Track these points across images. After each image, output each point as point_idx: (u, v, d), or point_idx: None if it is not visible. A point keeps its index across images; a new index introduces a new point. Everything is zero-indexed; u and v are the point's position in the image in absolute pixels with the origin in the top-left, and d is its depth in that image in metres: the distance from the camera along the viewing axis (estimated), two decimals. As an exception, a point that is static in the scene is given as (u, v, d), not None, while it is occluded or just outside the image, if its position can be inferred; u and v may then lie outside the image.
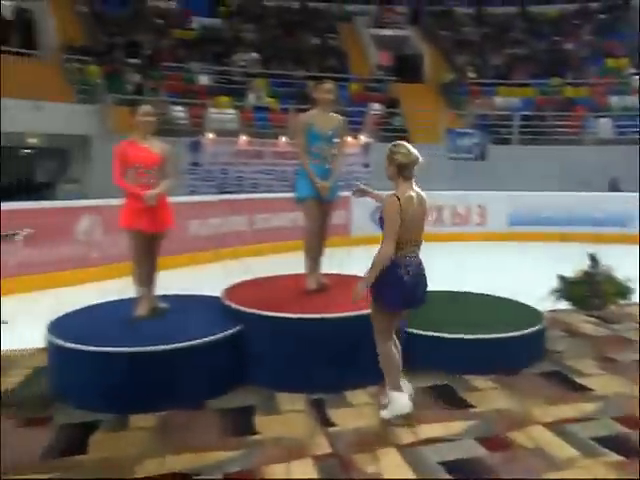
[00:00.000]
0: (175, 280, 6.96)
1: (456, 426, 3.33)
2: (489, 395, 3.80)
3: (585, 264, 5.00)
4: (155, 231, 4.06)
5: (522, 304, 5.01)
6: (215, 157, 11.00)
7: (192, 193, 10.51)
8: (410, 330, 4.18)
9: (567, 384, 4.01)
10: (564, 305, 5.34)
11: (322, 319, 3.71)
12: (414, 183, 3.30)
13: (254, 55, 16.39)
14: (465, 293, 5.37)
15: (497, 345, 4.17)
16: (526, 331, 4.30)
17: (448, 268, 8.46)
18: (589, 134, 14.85)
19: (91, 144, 12.08)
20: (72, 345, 3.60)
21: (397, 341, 3.49)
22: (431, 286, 5.46)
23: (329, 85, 4.28)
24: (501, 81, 17.21)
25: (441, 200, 11.38)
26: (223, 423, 3.41)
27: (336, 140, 4.32)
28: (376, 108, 14.94)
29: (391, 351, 3.36)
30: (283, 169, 11.44)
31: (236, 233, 9.30)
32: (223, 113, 13.15)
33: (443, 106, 15.80)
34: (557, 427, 3.32)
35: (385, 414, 3.38)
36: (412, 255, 3.27)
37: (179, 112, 13.12)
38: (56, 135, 12.79)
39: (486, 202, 11.62)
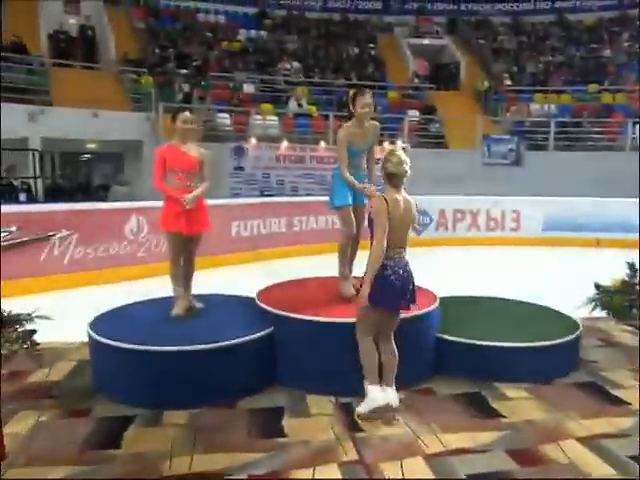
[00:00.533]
0: (215, 279, 7.00)
1: (485, 436, 3.11)
2: (521, 405, 3.55)
3: (623, 272, 4.65)
4: (192, 233, 3.99)
5: (557, 312, 4.72)
6: (257, 161, 10.96)
7: (235, 196, 10.50)
8: (441, 336, 3.97)
9: (602, 396, 3.72)
10: (600, 313, 5.00)
11: (353, 323, 3.53)
12: (402, 190, 3.28)
13: (296, 64, 16.34)
14: (498, 299, 5.11)
15: (531, 354, 3.91)
16: (561, 340, 4.01)
17: (481, 272, 8.23)
18: (626, 140, 14.14)
19: (143, 149, 12.27)
20: (110, 342, 3.55)
21: (394, 347, 3.38)
22: (463, 290, 5.36)
23: (365, 99, 3.92)
24: (537, 88, 16.65)
25: (476, 205, 11.06)
26: (252, 424, 3.28)
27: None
28: (413, 115, 14.64)
29: (370, 346, 3.31)
30: (322, 173, 11.31)
31: (276, 234, 9.22)
32: (266, 120, 13.11)
33: (479, 113, 15.40)
34: (591, 442, 3.06)
35: (360, 409, 3.29)
36: (397, 257, 3.23)
37: (224, 119, 13.16)
38: (112, 141, 13.07)
39: (521, 207, 11.19)
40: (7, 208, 6.76)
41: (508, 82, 17.10)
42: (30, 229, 6.45)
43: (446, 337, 3.96)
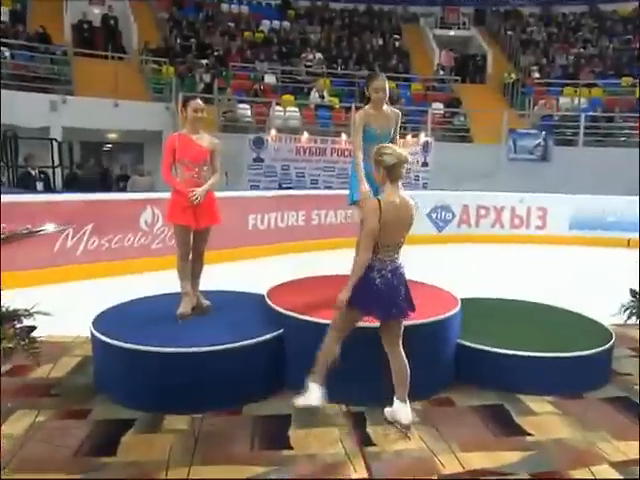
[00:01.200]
0: (230, 273, 6.81)
1: (509, 457, 2.84)
2: (548, 421, 3.26)
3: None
4: (200, 227, 3.78)
5: (588, 318, 4.40)
6: (277, 153, 10.71)
7: (253, 188, 10.29)
8: (462, 342, 3.70)
9: (636, 414, 3.41)
10: (634, 321, 4.66)
11: (365, 328, 3.28)
12: (401, 187, 3.03)
13: (319, 55, 16.03)
14: (524, 302, 4.79)
15: (559, 364, 3.61)
16: (593, 351, 3.70)
17: (504, 272, 7.89)
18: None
19: (162, 139, 12.13)
20: (110, 340, 3.36)
21: (403, 358, 3.11)
22: (486, 291, 5.07)
23: (378, 83, 3.73)
24: (567, 81, 16.06)
25: (501, 201, 10.66)
26: (256, 432, 3.06)
27: (389, 137, 3.88)
28: (437, 108, 14.23)
29: (332, 345, 3.08)
30: (343, 166, 11.03)
31: (294, 228, 8.99)
32: (287, 111, 12.86)
33: (505, 106, 14.92)
34: (626, 469, 2.76)
35: (297, 401, 3.10)
36: (388, 259, 2.99)
37: (245, 110, 12.95)
38: (132, 131, 12.98)
39: (548, 205, 10.75)
40: (20, 197, 6.70)
41: (536, 75, 16.55)
42: (43, 219, 6.34)
43: (467, 344, 3.68)
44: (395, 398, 3.12)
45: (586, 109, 14.56)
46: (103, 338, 3.41)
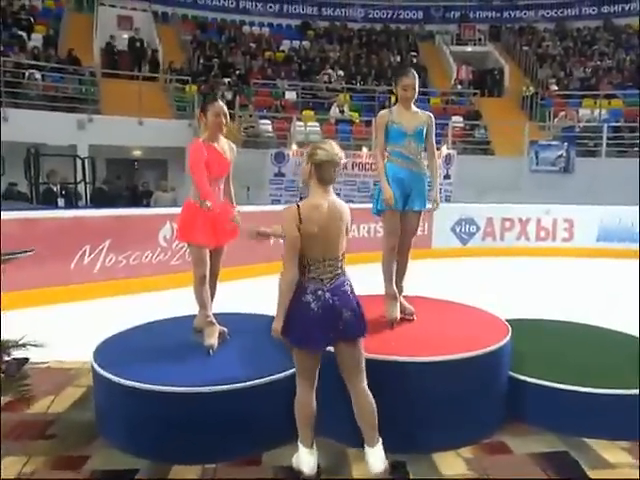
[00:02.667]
0: (250, 290, 6.24)
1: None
2: (628, 476, 2.58)
3: None
4: (220, 244, 3.20)
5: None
6: (298, 168, 10.17)
7: (275, 202, 9.76)
8: (515, 375, 3.03)
9: None
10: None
11: (406, 363, 2.66)
12: (331, 192, 2.46)
13: (338, 72, 15.57)
14: (569, 323, 4.09)
15: (632, 402, 2.92)
16: (668, 385, 3.01)
17: (534, 287, 7.19)
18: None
19: (186, 156, 11.76)
20: (112, 377, 2.77)
21: (365, 395, 2.48)
22: (519, 309, 4.39)
23: (407, 80, 3.22)
24: (586, 93, 15.34)
25: (526, 213, 9.95)
26: (279, 488, 2.46)
27: (423, 140, 3.29)
28: (457, 121, 13.60)
29: (304, 397, 2.47)
30: (364, 180, 10.46)
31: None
32: (307, 126, 12.36)
33: (524, 119, 14.24)
34: None
35: (293, 460, 2.53)
36: (324, 276, 2.38)
37: (266, 125, 12.49)
38: (156, 148, 12.65)
39: (574, 216, 10.00)
40: (40, 213, 6.26)
41: (554, 87, 15.86)
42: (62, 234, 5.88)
43: (522, 378, 3.01)
44: (365, 444, 2.48)
45: (607, 120, 13.82)
46: (103, 373, 2.83)
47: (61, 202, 7.83)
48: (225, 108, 3.20)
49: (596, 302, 6.03)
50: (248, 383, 2.66)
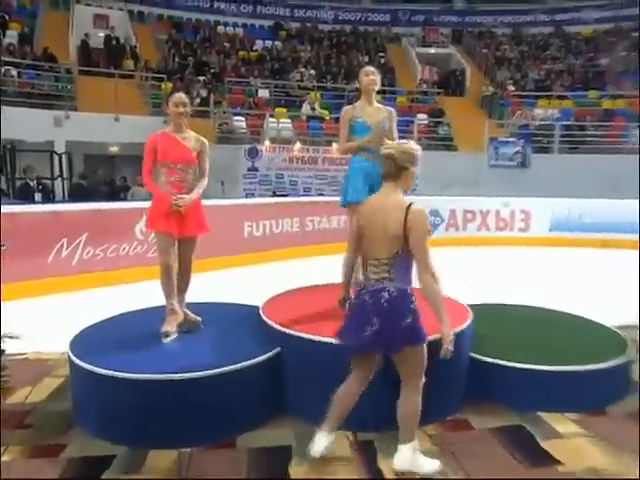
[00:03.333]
0: (225, 280, 6.16)
1: (544, 496, 2.23)
2: (576, 445, 2.65)
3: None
4: (185, 235, 3.10)
5: (595, 323, 3.80)
6: (271, 163, 10.09)
7: (249, 196, 9.65)
8: (476, 356, 3.07)
9: (668, 430, 2.81)
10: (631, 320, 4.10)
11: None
12: (395, 191, 2.33)
13: (310, 71, 15.45)
14: (527, 307, 4.18)
15: (580, 378, 3.00)
16: (614, 362, 3.10)
17: (494, 274, 7.31)
18: (629, 144, 13.08)
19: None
20: (88, 366, 2.69)
21: (402, 397, 2.39)
22: (480, 294, 4.44)
23: (368, 67, 3.33)
24: (540, 94, 15.65)
25: (486, 205, 10.10)
26: (253, 468, 2.43)
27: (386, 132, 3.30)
28: (422, 118, 13.68)
29: (342, 385, 2.42)
30: (334, 174, 10.43)
31: (289, 234, 8.35)
32: (280, 123, 12.24)
33: (484, 117, 14.43)
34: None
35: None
36: (372, 276, 2.29)
37: (240, 122, 12.31)
38: (132, 144, 12.31)
39: (530, 208, 10.21)
40: (18, 208, 6.03)
41: (512, 88, 16.11)
42: (40, 228, 5.67)
43: (483, 358, 3.05)
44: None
45: (559, 119, 14.11)
46: (79, 363, 2.74)
47: (38, 197, 7.55)
48: (185, 99, 3.11)
49: (550, 287, 6.16)
50: (220, 370, 2.62)
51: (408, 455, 2.32)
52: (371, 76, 3.24)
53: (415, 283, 2.29)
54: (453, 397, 2.96)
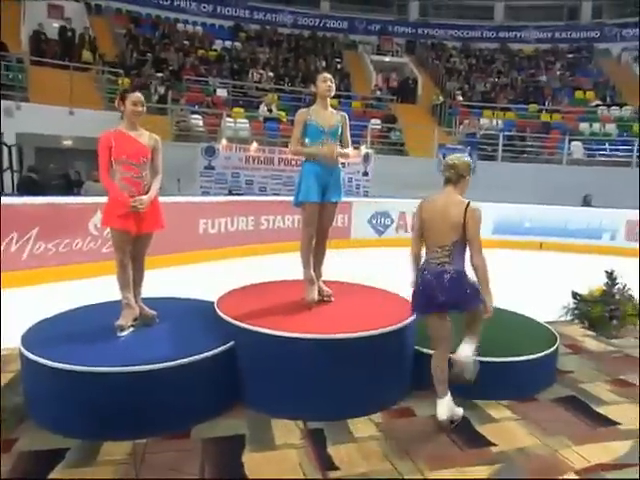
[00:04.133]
0: (180, 277, 6.09)
1: (477, 472, 2.38)
2: (509, 429, 2.84)
3: (592, 280, 4.05)
4: (141, 232, 3.07)
5: (527, 318, 4.04)
6: (228, 162, 10.00)
7: (205, 194, 9.54)
8: (419, 349, 3.22)
9: (587, 414, 3.05)
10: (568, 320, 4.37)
11: (322, 339, 2.74)
12: (451, 192, 2.81)
13: (268, 73, 15.41)
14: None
15: (513, 369, 3.20)
16: (543, 354, 3.32)
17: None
18: (564, 155, 13.85)
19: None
20: (40, 359, 2.63)
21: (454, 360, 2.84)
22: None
23: (326, 74, 3.39)
24: (486, 105, 16.30)
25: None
26: (207, 458, 2.45)
27: (338, 138, 3.39)
28: (376, 123, 13.94)
29: (435, 357, 2.81)
30: (290, 175, 10.46)
31: (244, 232, 8.33)
32: (237, 122, 12.15)
33: (434, 124, 14.87)
34: (593, 475, 2.37)
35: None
36: (432, 261, 2.75)
37: (197, 120, 12.13)
38: (87, 138, 11.87)
39: (474, 212, 10.61)
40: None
41: (460, 98, 16.68)
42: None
43: (425, 350, 3.19)
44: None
45: (502, 129, 14.75)
46: (31, 356, 2.67)
47: (-14, 189, 7.18)
48: (142, 98, 3.10)
49: (492, 286, 6.44)
50: (174, 362, 2.62)
51: (445, 407, 2.73)
52: (328, 82, 3.31)
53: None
54: (399, 387, 3.09)
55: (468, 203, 2.71)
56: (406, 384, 3.14)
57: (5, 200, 6.13)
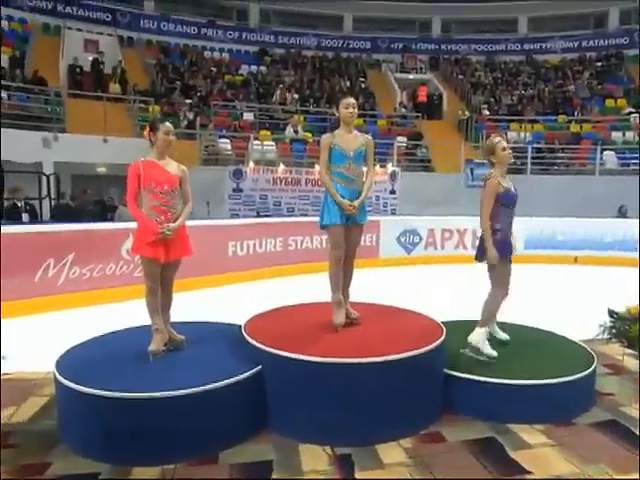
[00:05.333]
0: (209, 300, 6.17)
1: (513, 504, 2.29)
2: (544, 455, 2.72)
3: (631, 294, 3.88)
4: (170, 260, 3.13)
5: (565, 338, 3.90)
6: (255, 184, 10.16)
7: (234, 216, 9.69)
8: (449, 372, 3.14)
9: (629, 440, 2.88)
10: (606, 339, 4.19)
11: (350, 364, 2.71)
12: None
13: (293, 95, 15.68)
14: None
15: (548, 391, 3.08)
16: (579, 375, 3.19)
17: (471, 291, 7.41)
18: (596, 165, 13.48)
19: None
20: (71, 384, 2.70)
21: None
22: (458, 311, 4.54)
23: (348, 100, 3.35)
24: (513, 118, 16.09)
25: (463, 224, 10.28)
26: (235, 485, 2.44)
27: (362, 161, 3.39)
28: (401, 141, 13.94)
29: (499, 298, 3.55)
30: (317, 195, 10.53)
31: (272, 254, 8.39)
32: (264, 145, 12.36)
33: (461, 140, 14.76)
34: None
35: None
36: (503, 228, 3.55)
37: (225, 144, 12.40)
38: (120, 164, 12.30)
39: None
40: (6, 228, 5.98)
41: (486, 112, 16.54)
42: (27, 249, 5.64)
43: (454, 373, 3.13)
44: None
45: (531, 142, 14.52)
46: (63, 381, 2.74)
47: (25, 217, 7.48)
48: (173, 127, 3.20)
49: (525, 303, 6.27)
50: (202, 388, 2.63)
51: (479, 335, 3.39)
52: (350, 109, 3.31)
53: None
54: (428, 411, 3.02)
55: (489, 174, 3.49)
56: (436, 408, 3.07)
57: (42, 227, 6.40)
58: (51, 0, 17.80)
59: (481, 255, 3.49)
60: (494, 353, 3.33)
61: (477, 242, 3.57)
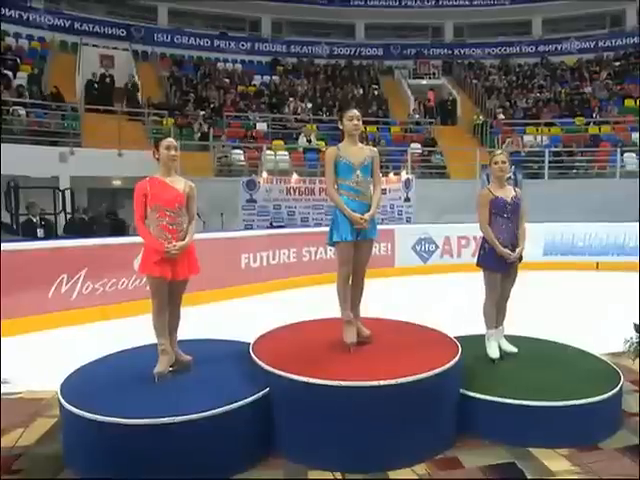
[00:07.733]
0: (221, 312, 6.12)
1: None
2: (567, 483, 2.56)
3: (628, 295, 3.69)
4: (177, 279, 3.06)
5: (588, 353, 3.71)
6: (269, 194, 10.12)
7: (248, 227, 9.65)
8: (466, 392, 3.00)
9: (661, 465, 2.72)
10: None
11: (361, 387, 2.60)
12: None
13: (306, 104, 15.67)
14: (518, 338, 4.07)
15: (569, 414, 2.91)
16: (605, 396, 3.01)
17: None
18: (616, 168, 13.14)
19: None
20: (74, 409, 2.63)
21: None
22: (475, 322, 4.39)
23: (352, 112, 3.26)
24: (529, 121, 15.82)
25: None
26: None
27: (370, 173, 3.29)
28: (416, 147, 13.80)
29: (491, 305, 3.56)
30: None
31: (287, 265, 8.31)
32: (277, 155, 12.35)
33: (476, 145, 14.55)
34: None
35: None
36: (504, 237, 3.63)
37: (238, 155, 12.42)
38: (135, 177, 12.40)
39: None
40: (17, 245, 6.02)
41: (501, 116, 16.30)
42: (40, 265, 5.66)
43: (471, 394, 2.98)
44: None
45: (548, 145, 14.24)
46: (67, 405, 2.68)
47: (40, 233, 7.56)
48: (175, 143, 3.14)
49: (544, 312, 6.08)
50: (208, 413, 2.55)
51: (486, 335, 3.55)
52: (354, 121, 3.23)
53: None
54: (443, 435, 2.88)
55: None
56: (452, 431, 2.92)
57: (56, 243, 6.43)
58: (69, 19, 18.19)
59: (478, 261, 3.63)
60: (495, 355, 3.44)
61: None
